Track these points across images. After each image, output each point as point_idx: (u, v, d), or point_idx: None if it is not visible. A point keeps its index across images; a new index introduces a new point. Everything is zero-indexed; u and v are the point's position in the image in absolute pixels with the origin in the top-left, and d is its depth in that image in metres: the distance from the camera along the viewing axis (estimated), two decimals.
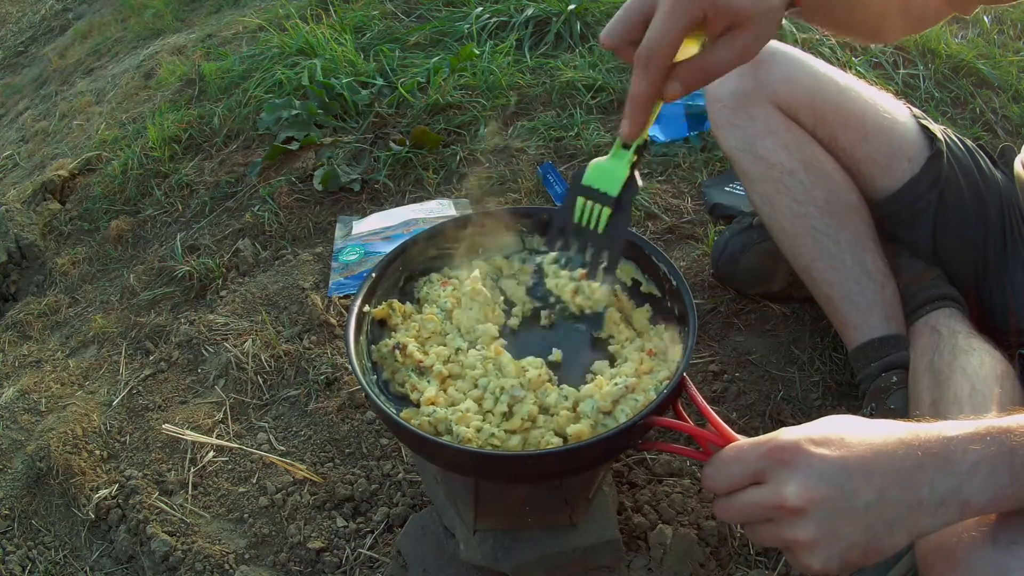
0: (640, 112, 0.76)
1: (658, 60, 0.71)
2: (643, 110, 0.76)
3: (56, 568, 1.28)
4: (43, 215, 2.24)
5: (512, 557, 0.95)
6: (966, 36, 2.21)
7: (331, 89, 2.26)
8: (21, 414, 1.56)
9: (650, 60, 0.72)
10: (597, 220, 0.84)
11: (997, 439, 0.65)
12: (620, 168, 0.82)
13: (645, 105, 0.75)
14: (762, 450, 0.68)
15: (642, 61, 0.72)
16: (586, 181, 0.84)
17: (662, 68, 0.72)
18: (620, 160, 0.82)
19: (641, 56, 0.72)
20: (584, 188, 0.84)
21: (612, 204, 0.83)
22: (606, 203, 0.83)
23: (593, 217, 0.84)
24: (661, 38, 0.70)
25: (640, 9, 0.73)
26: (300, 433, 1.40)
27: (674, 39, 0.71)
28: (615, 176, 0.82)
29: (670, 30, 0.70)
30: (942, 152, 1.25)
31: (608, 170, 0.82)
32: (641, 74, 0.73)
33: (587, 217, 0.85)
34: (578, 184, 0.84)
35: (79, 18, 4.11)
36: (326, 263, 1.77)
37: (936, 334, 1.17)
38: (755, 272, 1.44)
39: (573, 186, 0.85)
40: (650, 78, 0.72)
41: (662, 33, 0.70)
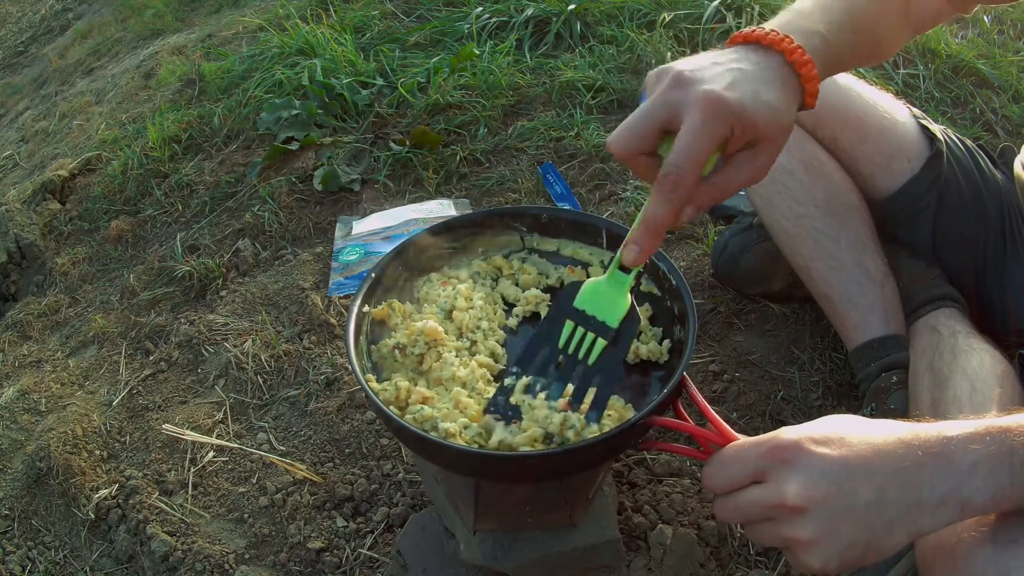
0: (656, 238, 0.69)
1: (687, 182, 0.65)
2: (659, 235, 0.69)
3: (56, 568, 1.28)
4: (43, 215, 2.24)
5: (512, 557, 0.95)
6: (966, 36, 2.21)
7: (331, 89, 2.26)
8: (21, 414, 1.56)
9: (677, 183, 0.65)
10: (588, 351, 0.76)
11: (997, 438, 0.65)
12: (619, 296, 0.74)
13: (662, 230, 0.69)
14: (762, 449, 0.68)
15: (669, 184, 0.65)
16: (580, 304, 0.75)
17: (689, 191, 0.66)
18: (619, 285, 0.74)
19: (668, 179, 0.65)
20: (576, 312, 0.75)
21: (610, 338, 0.74)
22: (602, 334, 0.75)
23: (584, 347, 0.76)
24: (688, 159, 0.65)
25: (656, 119, 0.67)
26: (300, 433, 1.40)
27: (702, 160, 0.65)
28: (615, 305, 0.74)
29: (697, 150, 0.65)
30: (942, 152, 1.25)
31: (606, 296, 0.74)
32: (665, 197, 0.66)
33: (575, 344, 0.76)
34: (568, 306, 0.75)
35: (79, 18, 4.11)
36: (326, 263, 1.77)
37: (936, 334, 1.17)
38: (755, 272, 1.44)
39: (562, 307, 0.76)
40: (674, 202, 0.66)
41: (689, 153, 0.64)
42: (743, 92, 0.66)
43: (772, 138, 0.69)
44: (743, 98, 0.66)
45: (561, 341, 0.77)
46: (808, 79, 0.71)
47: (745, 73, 0.69)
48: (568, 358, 0.77)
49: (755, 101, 0.67)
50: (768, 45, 0.71)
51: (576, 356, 0.76)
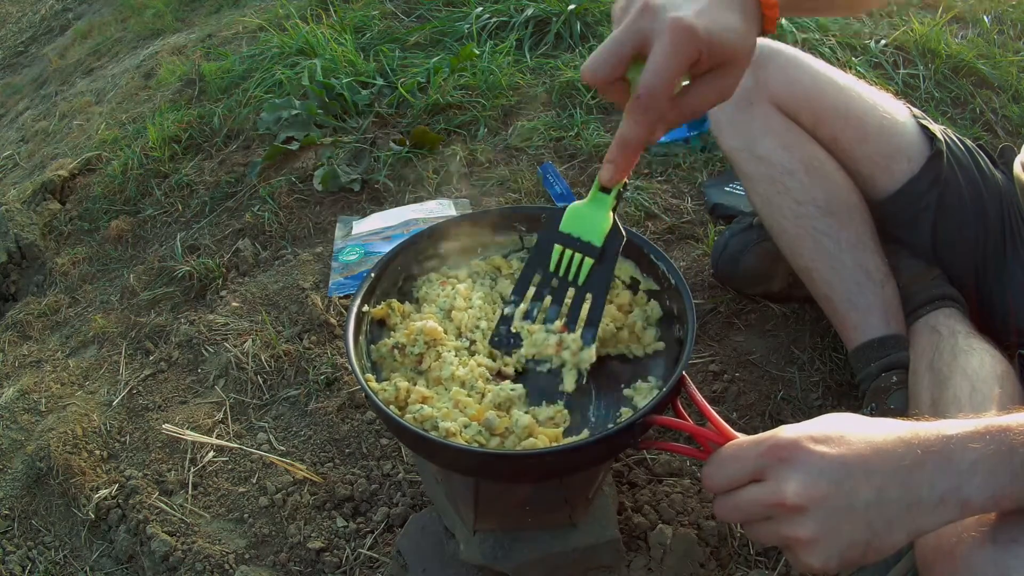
0: (631, 156, 0.73)
1: (657, 103, 0.68)
2: (634, 154, 0.73)
3: (56, 568, 1.28)
4: (43, 215, 2.24)
5: (512, 557, 0.95)
6: (966, 36, 2.21)
7: (331, 89, 2.26)
8: (21, 414, 1.56)
9: (650, 103, 0.68)
10: (577, 271, 0.78)
11: (997, 438, 0.65)
12: (601, 215, 0.77)
13: (637, 149, 0.72)
14: (762, 448, 0.68)
15: (642, 104, 0.68)
16: (564, 228, 0.78)
17: (660, 110, 0.69)
18: (600, 206, 0.77)
19: (641, 99, 0.68)
20: (563, 236, 0.78)
21: (595, 255, 0.77)
22: (588, 253, 0.77)
23: (573, 267, 0.78)
24: (659, 81, 0.67)
25: (628, 44, 0.70)
26: (300, 433, 1.40)
27: (672, 82, 0.68)
28: (598, 224, 0.77)
29: (668, 72, 0.67)
30: (942, 152, 1.25)
31: (589, 216, 0.77)
32: (639, 117, 0.69)
33: (564, 267, 0.79)
34: (553, 230, 0.78)
35: (79, 18, 4.12)
36: (326, 263, 1.77)
37: (936, 334, 1.18)
38: (755, 272, 1.44)
39: (548, 233, 0.79)
40: (648, 121, 0.69)
41: (660, 75, 0.67)
42: (709, 18, 0.69)
43: (737, 60, 0.71)
44: (709, 24, 0.68)
45: (552, 265, 0.79)
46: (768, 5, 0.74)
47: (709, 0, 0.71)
48: (560, 280, 0.79)
49: (719, 25, 0.69)
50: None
51: (567, 278, 0.78)
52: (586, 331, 0.80)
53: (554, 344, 0.81)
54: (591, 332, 0.80)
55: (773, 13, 0.74)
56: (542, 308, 0.82)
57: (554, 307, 0.81)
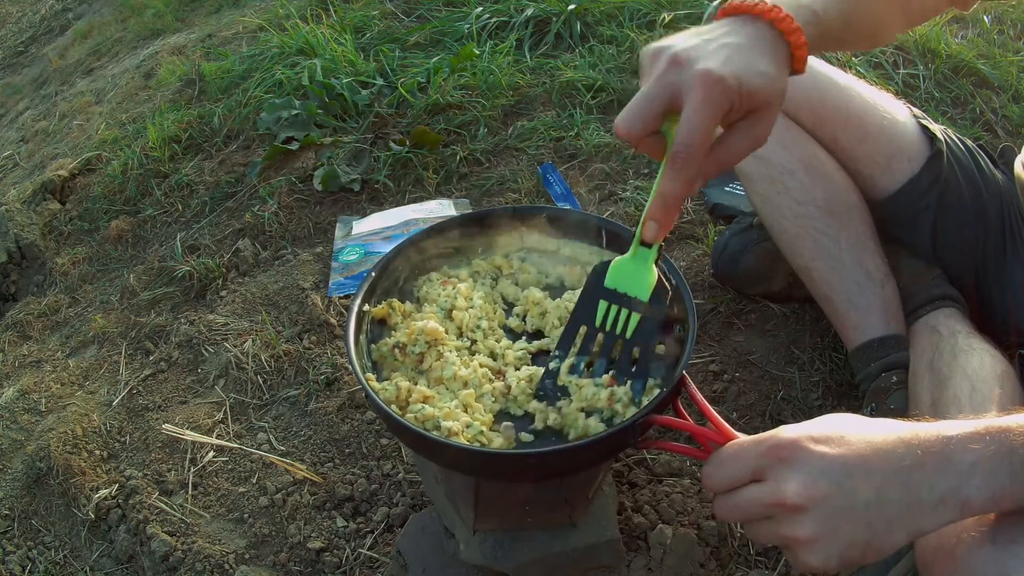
0: (672, 212, 0.73)
1: (695, 159, 0.69)
2: (675, 211, 0.73)
3: (56, 568, 1.28)
4: (43, 215, 2.24)
5: (512, 557, 0.95)
6: (966, 36, 2.21)
7: (331, 89, 2.26)
8: (21, 414, 1.56)
9: (687, 159, 0.69)
10: (624, 325, 0.79)
11: (997, 438, 0.65)
12: (645, 270, 0.77)
13: (677, 205, 0.72)
14: (762, 448, 0.68)
15: (680, 160, 0.69)
16: (610, 284, 0.79)
17: (698, 166, 0.70)
18: (643, 260, 0.78)
19: (679, 155, 0.69)
20: (608, 291, 0.79)
21: (643, 310, 0.78)
22: (635, 308, 0.78)
23: (620, 322, 0.79)
24: (694, 136, 0.68)
25: (660, 100, 0.70)
26: (300, 433, 1.40)
27: (707, 136, 0.68)
28: (641, 279, 0.78)
29: (703, 127, 0.68)
30: (942, 152, 1.25)
31: (633, 272, 0.78)
32: (677, 174, 0.69)
33: (611, 322, 0.80)
34: (600, 286, 0.79)
35: (79, 18, 4.12)
36: (326, 263, 1.77)
37: (936, 334, 1.17)
38: (755, 272, 1.44)
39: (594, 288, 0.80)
40: (687, 177, 0.70)
41: (695, 130, 0.68)
42: (737, 66, 0.69)
43: (769, 105, 0.72)
44: (738, 72, 0.68)
45: (598, 320, 0.80)
46: (797, 46, 0.74)
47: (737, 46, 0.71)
48: (607, 335, 0.80)
49: (749, 73, 0.69)
50: (757, 15, 0.74)
51: (614, 332, 0.80)
52: (636, 383, 0.81)
53: (605, 398, 0.82)
54: (640, 383, 0.81)
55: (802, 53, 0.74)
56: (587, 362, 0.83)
57: (601, 361, 0.82)
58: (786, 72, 0.74)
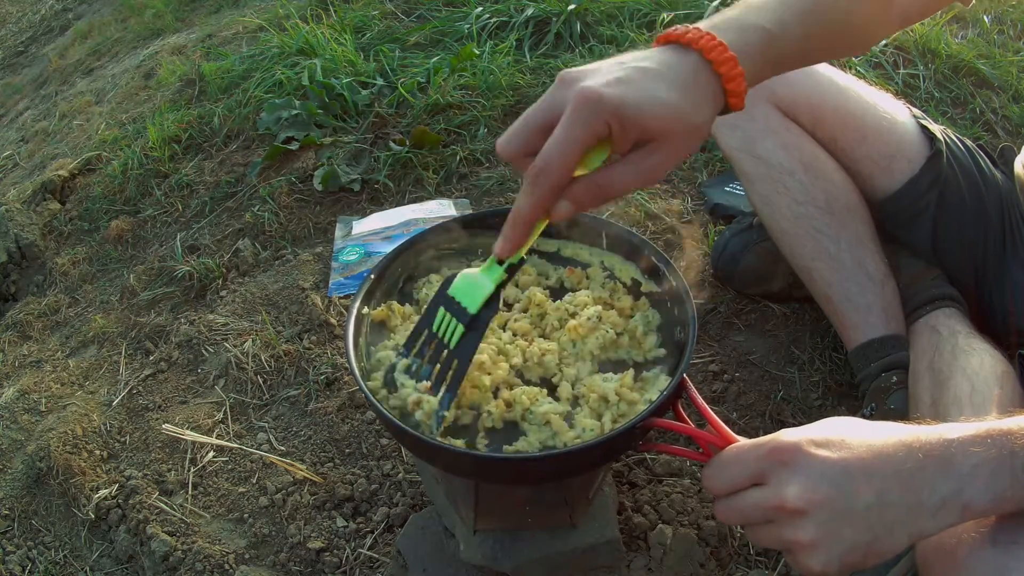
0: (521, 231, 0.70)
1: (550, 177, 0.65)
2: (524, 229, 0.70)
3: (56, 568, 1.28)
4: (43, 215, 2.24)
5: (512, 557, 0.95)
6: (966, 36, 2.21)
7: (331, 89, 2.26)
8: (21, 414, 1.56)
9: (539, 176, 0.65)
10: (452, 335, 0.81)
11: (998, 441, 0.65)
12: (486, 285, 0.79)
13: (527, 225, 0.69)
14: (762, 451, 0.68)
15: (531, 177, 0.65)
16: (451, 292, 0.81)
17: (554, 186, 0.65)
18: (489, 276, 0.78)
19: (531, 172, 0.65)
20: (447, 298, 0.81)
21: (467, 322, 0.80)
22: (462, 319, 0.80)
23: (448, 331, 0.81)
24: (555, 154, 0.64)
25: (542, 117, 0.67)
26: (300, 433, 1.40)
27: (570, 155, 0.64)
28: (478, 293, 0.79)
29: (567, 145, 0.64)
30: (942, 152, 1.25)
31: (474, 284, 0.79)
32: (529, 190, 0.66)
33: (443, 329, 0.82)
34: (444, 293, 0.82)
35: (79, 18, 4.12)
36: (326, 263, 1.77)
37: (936, 334, 1.17)
38: (755, 272, 1.44)
39: (439, 293, 0.82)
40: (538, 195, 0.66)
41: (558, 148, 0.64)
42: (629, 89, 0.64)
43: (668, 137, 0.66)
44: (625, 95, 0.64)
45: (434, 325, 0.83)
46: (729, 78, 0.68)
47: (644, 71, 0.67)
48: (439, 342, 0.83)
49: (643, 98, 0.64)
50: (686, 44, 0.69)
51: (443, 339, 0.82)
52: (445, 396, 0.83)
53: (411, 403, 0.85)
54: (448, 397, 0.82)
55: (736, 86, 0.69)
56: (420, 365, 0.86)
57: (427, 367, 0.84)
58: (708, 105, 0.69)
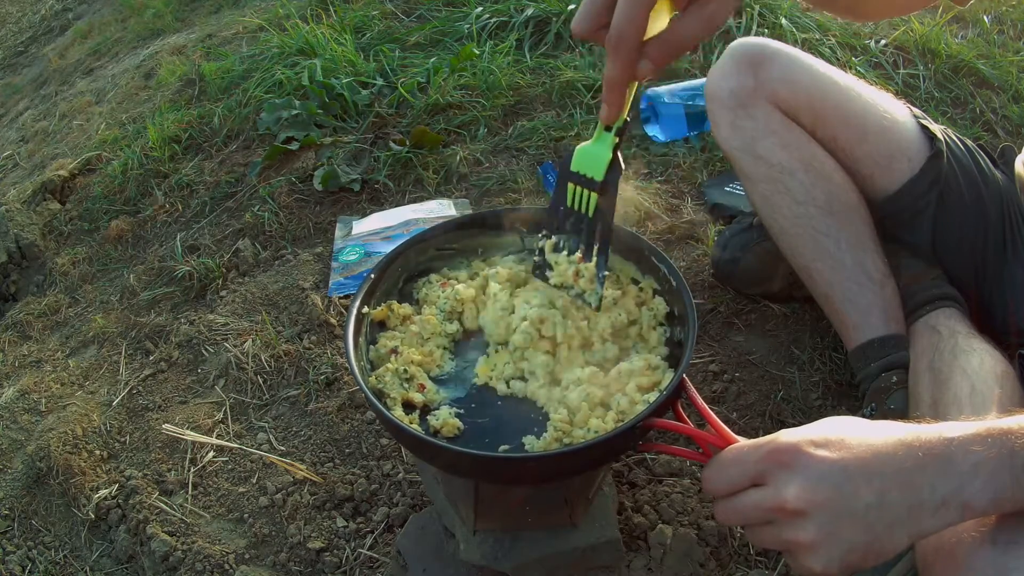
0: (616, 95, 0.77)
1: (627, 41, 0.71)
2: (619, 92, 0.77)
3: (56, 568, 1.28)
4: (43, 215, 2.24)
5: (512, 557, 0.95)
6: (966, 36, 2.21)
7: (331, 89, 2.26)
8: (21, 414, 1.56)
9: (620, 42, 0.71)
10: (587, 205, 0.87)
11: (998, 441, 0.65)
12: (603, 152, 0.84)
13: (620, 87, 0.76)
14: (762, 452, 0.68)
15: (612, 44, 0.72)
16: (574, 167, 0.86)
17: (632, 49, 0.72)
18: (603, 144, 0.84)
19: (611, 40, 0.72)
20: (572, 174, 0.86)
21: (598, 188, 0.85)
22: (593, 188, 0.85)
23: (583, 202, 0.87)
24: (628, 19, 0.70)
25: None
26: (300, 433, 1.40)
27: (640, 17, 0.71)
28: (599, 160, 0.84)
29: (634, 9, 0.70)
30: (942, 152, 1.25)
31: (592, 154, 0.84)
32: (613, 57, 0.73)
33: (578, 202, 0.87)
34: (567, 170, 0.86)
35: (79, 18, 4.11)
36: (326, 263, 1.77)
37: (936, 334, 1.17)
38: (755, 272, 1.44)
39: (562, 172, 0.87)
40: (622, 60, 0.73)
41: (628, 13, 0.70)
42: None
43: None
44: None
45: (568, 200, 0.88)
46: None
47: None
48: (576, 214, 0.89)
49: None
50: None
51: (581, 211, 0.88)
52: (600, 259, 0.89)
53: (571, 274, 0.91)
54: (603, 258, 0.89)
55: None
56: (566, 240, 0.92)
57: (575, 238, 0.91)
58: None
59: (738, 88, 1.26)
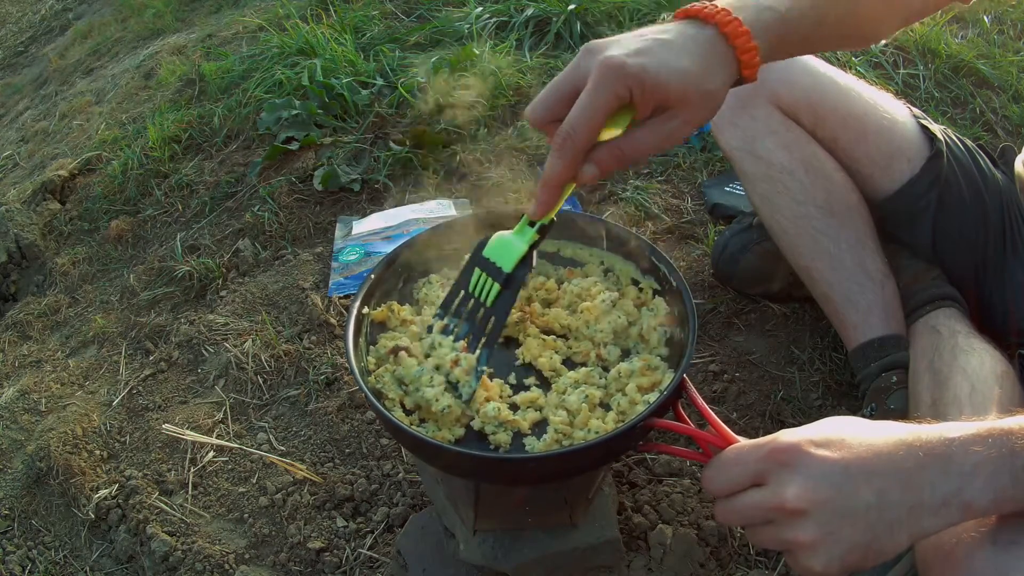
0: (551, 194, 0.74)
1: (577, 142, 0.69)
2: (554, 192, 0.74)
3: (56, 568, 1.28)
4: (43, 215, 2.24)
5: (512, 557, 0.95)
6: (966, 36, 2.21)
7: (331, 89, 2.26)
8: (21, 414, 1.56)
9: (566, 141, 0.69)
10: (487, 294, 0.85)
11: (999, 441, 0.65)
12: (519, 245, 0.82)
13: (557, 187, 0.73)
14: (762, 452, 0.68)
15: (559, 142, 0.69)
16: (486, 253, 0.85)
17: (580, 150, 0.69)
18: (522, 237, 0.82)
19: (559, 137, 0.69)
20: (482, 259, 0.85)
21: (502, 280, 0.83)
22: (498, 279, 0.84)
23: (484, 290, 0.85)
24: (581, 119, 0.68)
25: (569, 84, 0.71)
26: (300, 433, 1.40)
27: (595, 120, 0.68)
28: (512, 253, 0.83)
29: (591, 111, 0.68)
30: (942, 152, 1.25)
31: (508, 245, 0.83)
32: (557, 155, 0.70)
33: (480, 289, 0.85)
34: (479, 254, 0.85)
35: (79, 18, 4.11)
36: (326, 263, 1.77)
37: (936, 334, 1.18)
38: (755, 272, 1.44)
39: (474, 256, 0.86)
40: (566, 160, 0.70)
41: (583, 113, 0.68)
42: (650, 58, 0.68)
43: (684, 103, 0.70)
44: (646, 63, 0.68)
45: (471, 286, 0.87)
46: (744, 50, 0.72)
47: (663, 42, 0.71)
48: (475, 301, 0.87)
49: (662, 67, 0.68)
50: (703, 19, 0.74)
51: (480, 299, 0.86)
52: (483, 352, 0.87)
53: (449, 361, 0.89)
54: (486, 352, 0.87)
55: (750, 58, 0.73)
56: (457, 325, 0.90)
57: (465, 325, 0.88)
58: (723, 75, 0.73)
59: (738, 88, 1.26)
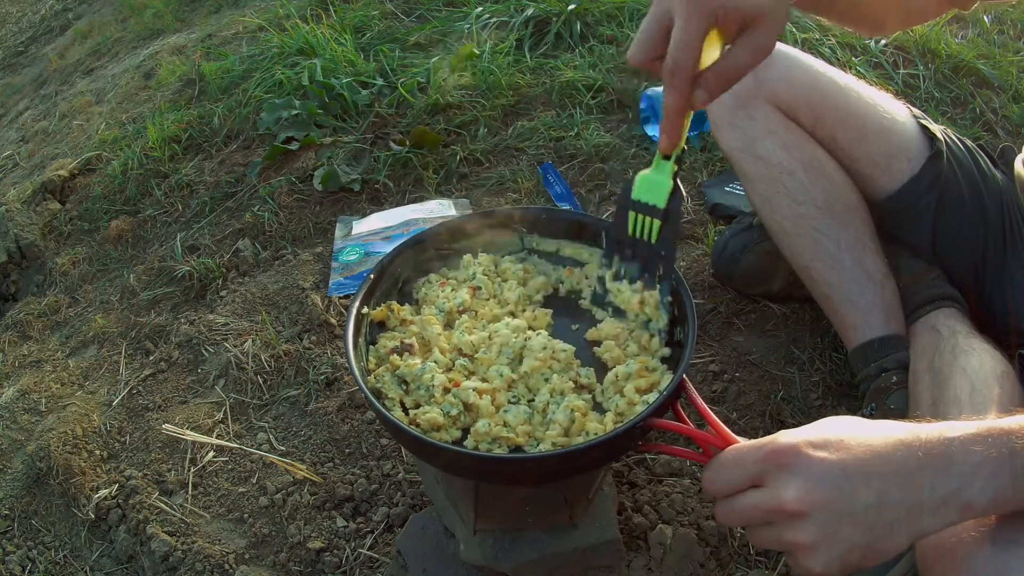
0: (675, 123, 0.79)
1: (683, 71, 0.74)
2: (677, 121, 0.79)
3: (56, 568, 1.28)
4: (43, 215, 2.24)
5: (512, 557, 0.95)
6: (966, 36, 2.21)
7: (331, 89, 2.26)
8: (21, 414, 1.56)
9: (675, 72, 0.74)
10: (649, 232, 0.89)
11: (999, 441, 0.65)
12: (664, 180, 0.85)
13: (678, 116, 0.78)
14: (761, 453, 0.68)
15: (668, 74, 0.74)
16: (635, 195, 0.88)
17: (688, 78, 0.75)
18: (662, 172, 0.85)
19: (667, 69, 0.74)
20: (634, 203, 0.88)
21: (661, 215, 0.87)
22: (655, 215, 0.87)
23: (645, 230, 0.89)
24: (682, 49, 0.73)
25: (659, 23, 0.75)
26: (300, 433, 1.40)
27: (694, 48, 0.73)
28: (661, 188, 0.86)
29: (689, 39, 0.73)
30: (942, 152, 1.25)
31: (654, 182, 0.86)
32: (670, 87, 0.75)
33: (640, 230, 0.89)
34: (627, 198, 0.88)
35: (79, 18, 4.11)
36: (326, 263, 1.77)
37: (936, 334, 1.17)
38: (755, 272, 1.44)
39: (622, 202, 0.89)
40: (678, 89, 0.75)
41: (682, 44, 0.73)
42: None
43: (763, 15, 0.75)
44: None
45: (629, 229, 0.90)
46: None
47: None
48: (638, 242, 0.91)
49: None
50: None
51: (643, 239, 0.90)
52: (662, 286, 0.92)
53: (636, 302, 0.94)
54: (666, 284, 0.92)
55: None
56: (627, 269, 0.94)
57: (636, 266, 0.93)
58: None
59: (738, 88, 1.25)
